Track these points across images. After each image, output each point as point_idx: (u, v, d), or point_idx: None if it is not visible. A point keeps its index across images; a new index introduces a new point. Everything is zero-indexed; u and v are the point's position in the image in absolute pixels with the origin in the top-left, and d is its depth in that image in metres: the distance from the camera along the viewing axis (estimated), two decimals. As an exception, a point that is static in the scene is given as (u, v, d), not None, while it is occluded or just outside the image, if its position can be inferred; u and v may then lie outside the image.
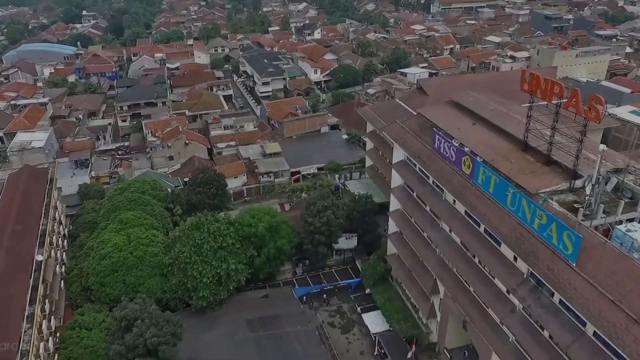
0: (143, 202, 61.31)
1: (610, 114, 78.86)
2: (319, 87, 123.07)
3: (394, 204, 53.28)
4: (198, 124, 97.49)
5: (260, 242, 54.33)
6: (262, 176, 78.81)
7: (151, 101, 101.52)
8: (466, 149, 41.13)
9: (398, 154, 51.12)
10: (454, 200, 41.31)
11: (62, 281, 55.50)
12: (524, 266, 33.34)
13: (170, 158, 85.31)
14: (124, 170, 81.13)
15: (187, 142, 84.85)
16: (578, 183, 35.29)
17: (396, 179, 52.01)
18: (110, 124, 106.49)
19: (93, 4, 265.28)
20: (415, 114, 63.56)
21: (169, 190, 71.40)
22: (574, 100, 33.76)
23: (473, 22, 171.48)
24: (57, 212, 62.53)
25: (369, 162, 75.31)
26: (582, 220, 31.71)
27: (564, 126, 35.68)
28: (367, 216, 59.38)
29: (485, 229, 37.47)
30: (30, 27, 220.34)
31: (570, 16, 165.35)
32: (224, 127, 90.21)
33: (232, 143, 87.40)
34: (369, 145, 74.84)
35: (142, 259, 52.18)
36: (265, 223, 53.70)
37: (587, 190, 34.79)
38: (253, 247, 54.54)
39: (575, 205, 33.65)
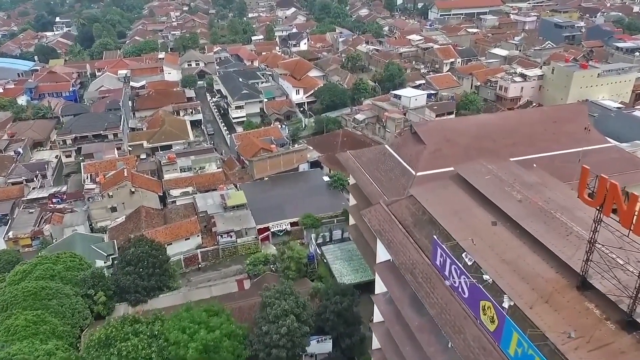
0: (47, 295, 45.99)
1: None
2: (301, 109, 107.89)
3: (378, 315, 38.08)
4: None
5: (193, 366, 39.15)
6: (221, 236, 63.57)
7: (100, 133, 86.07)
8: (486, 277, 25.96)
9: (383, 251, 35.89)
10: (467, 361, 26.12)
11: None
12: None
13: (113, 209, 70.25)
14: (51, 228, 65.73)
15: (133, 189, 69.69)
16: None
17: (381, 285, 36.79)
18: (57, 156, 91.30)
19: (69, 9, 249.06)
20: (412, 173, 49.06)
21: (98, 262, 56.44)
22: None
23: (475, 30, 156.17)
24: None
25: (352, 221, 60.31)
26: None
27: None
28: (345, 316, 44.22)
29: None
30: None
31: (582, 23, 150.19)
32: (180, 169, 74.93)
33: (189, 190, 72.23)
34: (352, 200, 59.94)
35: (22, 399, 37.00)
36: (199, 342, 38.44)
37: None
38: (183, 373, 39.39)
39: None
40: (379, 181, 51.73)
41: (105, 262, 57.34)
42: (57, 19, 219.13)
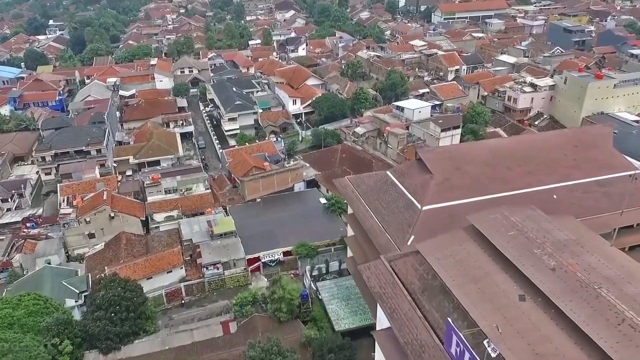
0: (1, 350, 40.38)
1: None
2: (298, 121, 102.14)
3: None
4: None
5: None
6: (207, 268, 57.91)
7: (82, 149, 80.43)
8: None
9: (385, 317, 30.15)
10: None
11: None
12: None
13: (91, 235, 64.76)
14: (22, 258, 60.21)
15: (112, 214, 64.11)
16: None
17: (382, 355, 31.04)
18: (38, 172, 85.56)
19: (64, 12, 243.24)
20: (418, 207, 43.44)
21: (68, 302, 50.88)
22: None
23: (480, 35, 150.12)
24: None
25: (350, 252, 54.92)
26: None
27: None
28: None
29: None
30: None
31: (592, 28, 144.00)
32: (165, 191, 69.27)
33: (174, 214, 66.62)
34: (350, 231, 54.52)
35: None
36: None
37: None
38: None
39: None
40: (380, 214, 46.27)
41: (76, 301, 51.77)
42: (51, 22, 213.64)
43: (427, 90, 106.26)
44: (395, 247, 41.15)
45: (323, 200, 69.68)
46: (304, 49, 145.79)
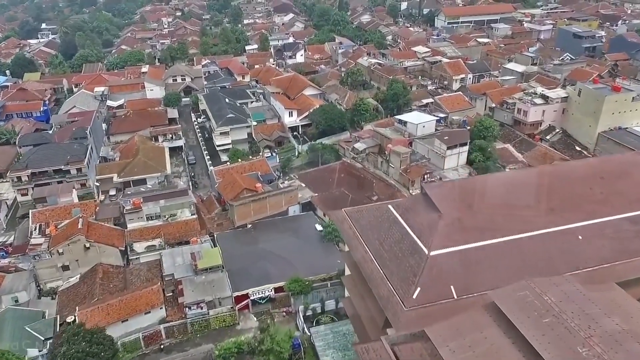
0: (-58, 423, 34.98)
1: None
2: (294, 134, 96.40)
3: None
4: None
5: None
6: (190, 308, 52.29)
7: (61, 168, 74.87)
8: None
9: (386, 414, 24.44)
10: None
11: None
12: None
13: (65, 267, 59.23)
14: (-13, 294, 54.69)
15: (87, 245, 58.53)
16: None
17: None
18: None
19: (59, 14, 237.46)
20: (424, 252, 37.88)
21: (31, 352, 45.33)
22: None
23: (486, 40, 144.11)
24: None
25: (346, 292, 49.42)
26: None
27: None
28: None
29: None
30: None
31: (602, 33, 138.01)
32: (147, 217, 63.63)
33: (156, 243, 60.96)
34: (347, 269, 48.94)
35: None
36: None
37: None
38: None
39: None
40: (381, 258, 40.64)
41: (40, 350, 46.21)
42: (43, 25, 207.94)
43: (431, 100, 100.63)
44: (398, 301, 35.62)
45: (319, 227, 64.02)
46: (302, 55, 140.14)
